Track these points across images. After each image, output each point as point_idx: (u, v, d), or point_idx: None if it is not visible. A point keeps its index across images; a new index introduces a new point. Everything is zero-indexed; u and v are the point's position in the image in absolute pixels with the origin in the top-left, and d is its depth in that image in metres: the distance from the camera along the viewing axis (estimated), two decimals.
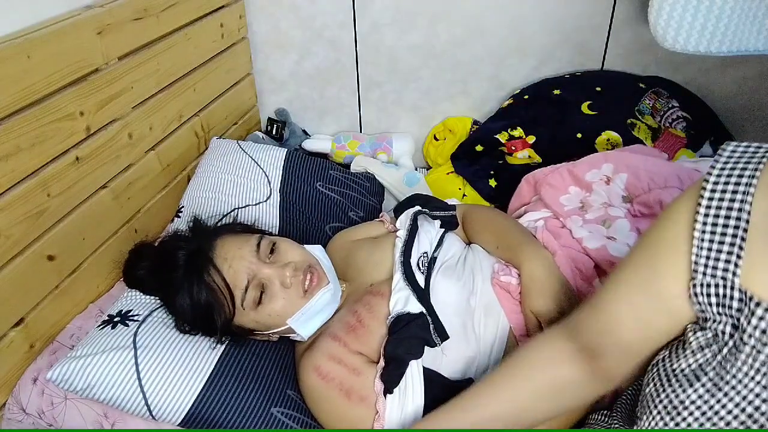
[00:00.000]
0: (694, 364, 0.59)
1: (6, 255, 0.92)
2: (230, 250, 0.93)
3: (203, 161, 1.34)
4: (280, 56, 1.65)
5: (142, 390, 0.89)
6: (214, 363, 0.93)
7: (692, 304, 0.59)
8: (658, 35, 1.19)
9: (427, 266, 0.98)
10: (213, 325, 0.92)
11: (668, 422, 0.59)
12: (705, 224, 0.57)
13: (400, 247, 1.00)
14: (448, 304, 0.93)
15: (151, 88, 1.22)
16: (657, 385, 0.62)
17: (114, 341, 0.92)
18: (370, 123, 1.73)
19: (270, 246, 0.95)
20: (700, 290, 0.58)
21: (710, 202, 0.57)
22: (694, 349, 0.59)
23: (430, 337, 0.88)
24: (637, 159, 1.06)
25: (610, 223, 1.00)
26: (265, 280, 0.92)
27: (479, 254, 1.05)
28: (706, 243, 0.57)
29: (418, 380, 0.85)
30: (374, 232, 1.15)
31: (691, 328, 0.61)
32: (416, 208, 1.09)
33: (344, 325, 0.93)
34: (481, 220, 1.10)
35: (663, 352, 0.64)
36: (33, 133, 0.93)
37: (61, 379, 0.90)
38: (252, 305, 0.91)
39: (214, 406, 0.90)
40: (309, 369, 0.90)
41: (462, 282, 0.97)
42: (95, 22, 1.04)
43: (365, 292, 0.97)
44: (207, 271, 0.90)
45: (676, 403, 0.59)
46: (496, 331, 0.94)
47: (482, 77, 1.60)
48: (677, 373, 0.60)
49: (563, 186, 1.11)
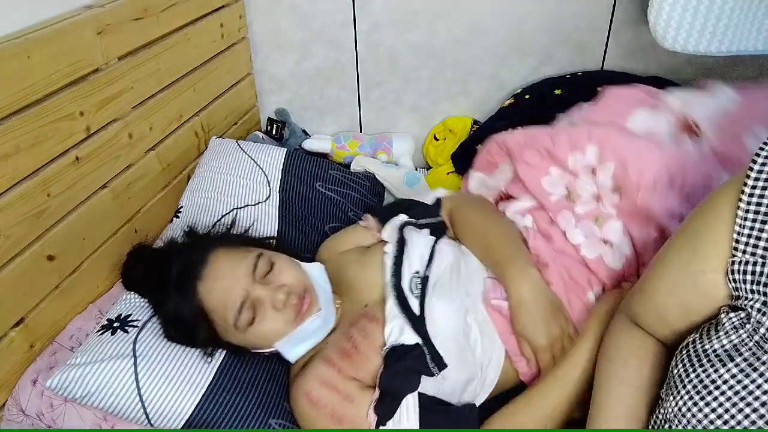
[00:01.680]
0: (728, 344, 0.60)
1: (6, 255, 0.92)
2: (224, 268, 0.91)
3: (203, 161, 1.34)
4: (280, 56, 1.65)
5: (141, 399, 0.88)
6: (213, 373, 0.93)
7: (727, 282, 0.62)
8: (658, 35, 1.19)
9: (420, 288, 0.94)
10: (196, 341, 0.93)
11: (698, 401, 0.59)
12: (749, 203, 0.60)
13: (390, 266, 0.96)
14: (444, 329, 0.90)
15: (151, 88, 1.22)
16: (687, 365, 0.62)
17: (113, 349, 0.92)
18: (370, 123, 1.73)
19: (267, 265, 0.92)
20: (738, 267, 0.61)
21: (756, 182, 0.60)
22: (728, 329, 0.60)
23: (426, 368, 0.85)
24: (624, 144, 0.96)
25: (602, 221, 0.96)
26: (257, 301, 0.90)
27: (471, 264, 1.02)
28: (749, 222, 0.60)
29: (413, 413, 0.83)
30: (361, 241, 1.11)
31: (724, 310, 0.63)
32: (402, 218, 1.06)
33: (339, 350, 0.91)
34: (467, 224, 1.06)
35: (693, 334, 0.65)
36: (33, 133, 0.93)
37: (60, 387, 0.89)
38: (245, 326, 0.89)
39: (213, 416, 0.90)
40: (300, 394, 0.89)
41: (457, 302, 0.94)
42: (95, 22, 1.04)
43: (360, 315, 0.94)
44: (196, 291, 0.89)
45: (707, 382, 0.59)
46: (492, 352, 0.93)
47: (482, 77, 1.59)
48: (709, 354, 0.61)
49: (543, 166, 1.04)
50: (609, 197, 0.97)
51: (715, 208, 0.65)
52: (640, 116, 1.07)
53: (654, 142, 0.99)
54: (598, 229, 0.97)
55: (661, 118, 1.06)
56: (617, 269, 0.93)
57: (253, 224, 1.21)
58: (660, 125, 1.05)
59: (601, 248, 0.95)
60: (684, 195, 0.93)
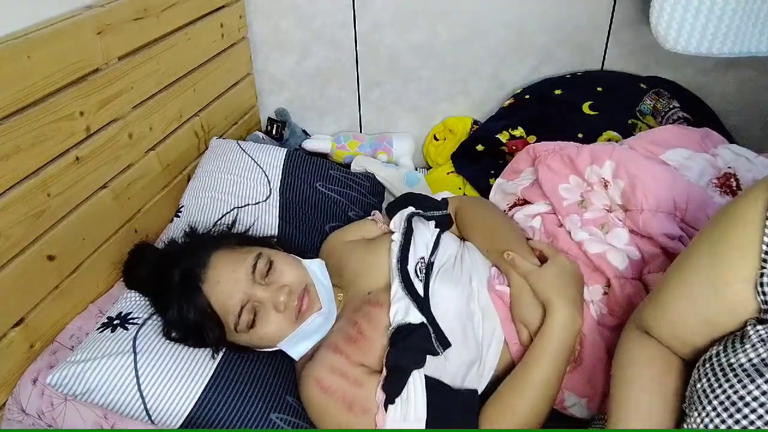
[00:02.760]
0: (756, 358, 0.56)
1: (6, 255, 0.92)
2: (224, 272, 0.91)
3: (203, 161, 1.34)
4: (280, 56, 1.65)
5: (141, 395, 0.88)
6: (213, 368, 0.93)
7: (757, 295, 0.58)
8: (659, 36, 1.19)
9: (425, 272, 0.97)
10: (203, 342, 0.93)
11: (726, 419, 0.56)
12: None
13: (396, 252, 0.98)
14: (448, 310, 0.92)
15: (151, 88, 1.22)
16: (712, 381, 0.58)
17: (113, 346, 0.92)
18: (370, 123, 1.73)
19: (267, 265, 0.92)
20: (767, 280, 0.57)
21: None
22: (755, 342, 0.57)
23: (432, 347, 0.87)
24: (640, 166, 0.99)
25: (608, 228, 0.98)
26: (258, 303, 0.90)
27: (475, 254, 1.04)
28: None
29: (420, 391, 0.84)
30: (368, 233, 1.13)
31: (750, 322, 0.59)
32: (410, 209, 1.07)
33: (345, 336, 0.92)
34: (471, 219, 1.09)
35: (716, 346, 0.61)
36: (33, 133, 0.93)
37: (61, 384, 0.89)
38: (245, 328, 0.90)
39: (213, 411, 0.90)
40: (310, 381, 0.90)
41: (461, 286, 0.96)
42: (95, 22, 1.04)
43: (364, 302, 0.96)
44: (198, 296, 0.89)
45: (735, 398, 0.56)
46: (492, 336, 0.93)
47: (482, 77, 1.59)
48: (735, 368, 0.57)
49: (563, 173, 1.07)
50: (617, 211, 1.00)
51: (742, 213, 0.60)
52: (678, 152, 1.06)
53: (669, 170, 1.00)
54: (602, 234, 0.99)
55: (700, 160, 1.05)
56: (621, 268, 0.93)
57: (253, 224, 1.21)
58: (695, 165, 1.04)
59: (605, 246, 0.97)
60: (683, 226, 0.95)
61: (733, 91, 1.51)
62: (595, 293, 0.94)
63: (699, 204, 0.94)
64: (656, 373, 0.69)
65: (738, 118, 1.52)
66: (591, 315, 0.93)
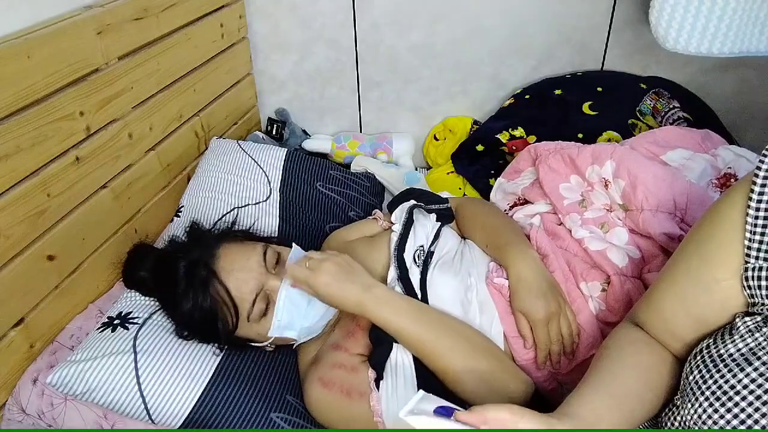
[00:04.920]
0: (745, 348, 0.58)
1: (6, 255, 0.92)
2: (237, 260, 0.91)
3: (203, 161, 1.34)
4: (280, 56, 1.65)
5: (141, 394, 0.88)
6: (214, 368, 0.93)
7: (743, 289, 0.60)
8: (659, 36, 1.19)
9: (423, 260, 0.98)
10: (214, 335, 0.92)
11: (718, 408, 0.58)
12: (758, 209, 0.59)
13: (395, 241, 1.00)
14: (444, 297, 0.93)
15: (151, 88, 1.22)
16: (703, 371, 0.60)
17: (114, 345, 0.92)
18: (370, 123, 1.73)
19: (275, 257, 0.94)
20: (752, 273, 0.59)
21: (763, 188, 0.58)
22: (743, 333, 0.59)
23: None
24: (641, 166, 0.99)
25: (608, 228, 0.99)
26: (271, 291, 0.91)
27: (475, 251, 1.04)
28: (759, 227, 0.58)
29: (408, 362, 0.85)
30: (369, 231, 1.14)
31: (738, 315, 0.61)
32: (411, 202, 1.08)
33: (344, 332, 0.95)
34: (471, 216, 1.10)
35: (706, 340, 0.64)
36: (33, 133, 0.93)
37: (61, 383, 0.89)
38: (258, 317, 0.90)
39: (214, 410, 0.90)
40: (314, 381, 0.91)
41: (459, 277, 0.97)
42: (95, 22, 1.04)
43: None
44: (211, 283, 0.89)
45: (726, 388, 0.58)
46: (491, 330, 0.94)
47: (482, 77, 1.60)
48: (725, 358, 0.59)
49: (564, 173, 1.08)
50: (617, 211, 1.01)
51: (725, 213, 0.63)
52: (679, 152, 1.07)
53: (670, 171, 1.00)
54: (602, 233, 0.99)
55: (700, 160, 1.05)
56: (621, 266, 0.94)
57: (253, 224, 1.21)
58: (695, 166, 1.04)
59: (605, 244, 0.97)
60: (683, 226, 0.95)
61: (733, 91, 1.51)
62: (594, 289, 0.94)
63: (699, 204, 0.94)
64: (636, 350, 0.71)
65: (738, 118, 1.52)
66: (590, 310, 0.93)
